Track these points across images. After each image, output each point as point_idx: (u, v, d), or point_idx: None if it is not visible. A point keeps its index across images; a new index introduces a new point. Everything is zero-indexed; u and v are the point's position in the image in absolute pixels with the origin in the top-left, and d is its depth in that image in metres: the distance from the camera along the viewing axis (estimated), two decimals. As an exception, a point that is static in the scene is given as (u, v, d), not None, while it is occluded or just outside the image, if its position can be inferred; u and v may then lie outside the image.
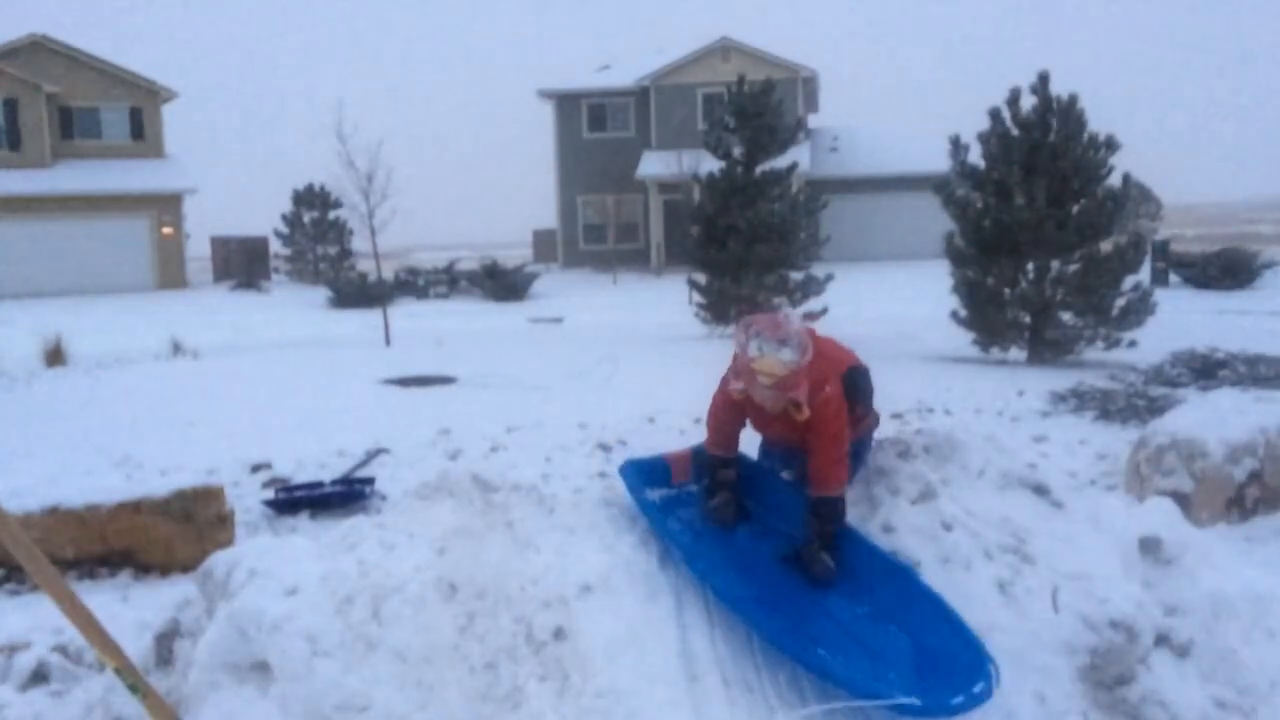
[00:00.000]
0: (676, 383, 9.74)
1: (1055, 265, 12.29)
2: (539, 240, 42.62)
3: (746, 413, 3.45)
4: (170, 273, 30.84)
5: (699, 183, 16.72)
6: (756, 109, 15.45)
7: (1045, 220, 11.93)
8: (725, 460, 3.55)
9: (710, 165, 16.32)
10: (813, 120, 35.50)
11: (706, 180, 16.09)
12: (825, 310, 14.93)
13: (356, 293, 24.25)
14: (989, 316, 12.44)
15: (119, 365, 12.94)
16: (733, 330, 3.29)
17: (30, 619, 4.11)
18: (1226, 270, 22.90)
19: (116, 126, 31.50)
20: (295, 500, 6.29)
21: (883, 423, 3.81)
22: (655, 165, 31.16)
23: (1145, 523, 3.56)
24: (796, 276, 15.67)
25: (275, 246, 35.89)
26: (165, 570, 5.12)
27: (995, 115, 12.33)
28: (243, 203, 59.62)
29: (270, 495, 6.45)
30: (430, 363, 12.24)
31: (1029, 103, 12.28)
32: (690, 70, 33.12)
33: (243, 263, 33.60)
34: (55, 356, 13.12)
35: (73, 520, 4.99)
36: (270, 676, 2.87)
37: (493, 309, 23.49)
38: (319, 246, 35.35)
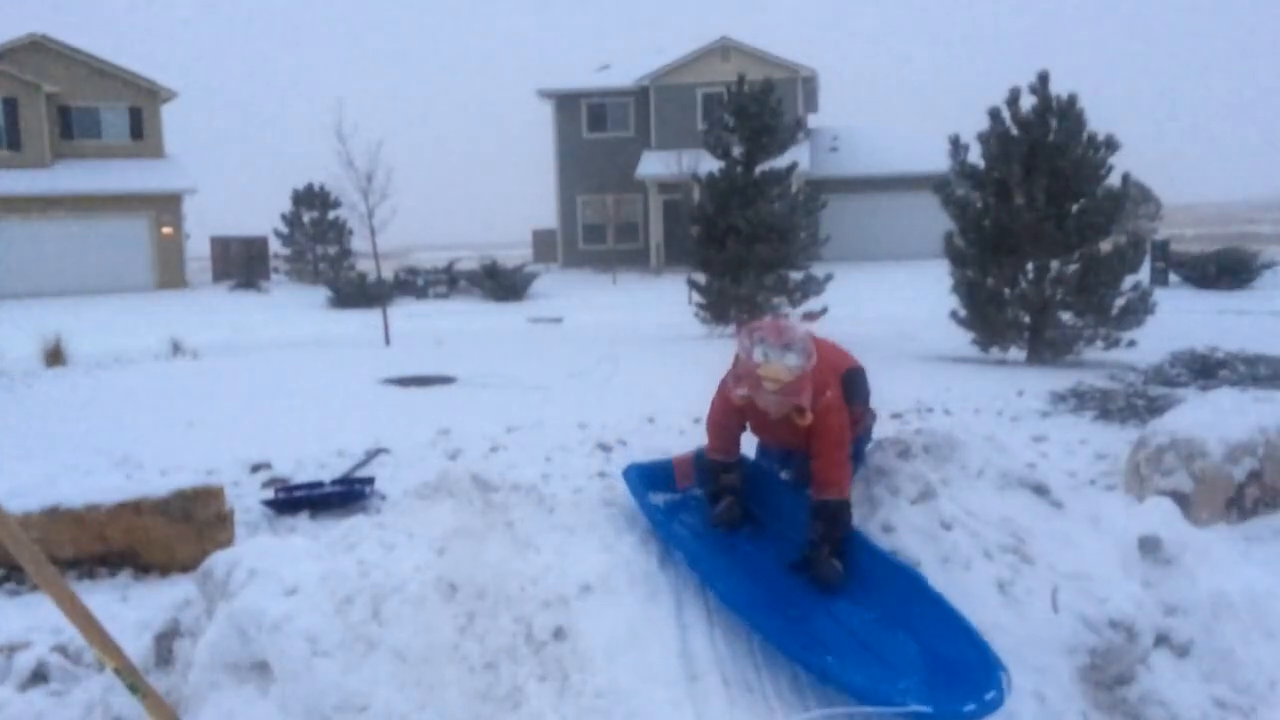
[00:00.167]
0: (676, 383, 9.75)
1: (1055, 265, 12.29)
2: (539, 240, 42.64)
3: (747, 417, 3.45)
4: (170, 273, 30.84)
5: (699, 183, 16.71)
6: (756, 109, 15.45)
7: (1045, 220, 11.94)
8: (727, 465, 3.55)
9: (710, 165, 16.32)
10: (813, 120, 35.50)
11: (706, 180, 16.08)
12: (825, 310, 14.94)
13: (356, 293, 24.24)
14: (989, 316, 12.44)
15: (119, 365, 12.94)
16: (736, 335, 3.29)
17: (30, 619, 4.12)
18: (1226, 270, 22.89)
19: (116, 126, 31.50)
20: (295, 500, 6.28)
21: (883, 423, 3.81)
22: (655, 165, 31.15)
23: (1145, 522, 3.56)
24: (796, 276, 15.67)
25: (275, 246, 35.92)
26: (165, 570, 5.12)
27: (995, 115, 12.32)
28: (243, 203, 59.64)
29: (270, 495, 6.44)
30: (430, 363, 12.24)
31: (1029, 102, 12.27)
32: (690, 70, 33.13)
33: (242, 263, 33.62)
34: (55, 356, 13.12)
35: (72, 520, 4.98)
36: (270, 676, 2.87)
37: (492, 309, 23.48)
38: (319, 246, 35.35)
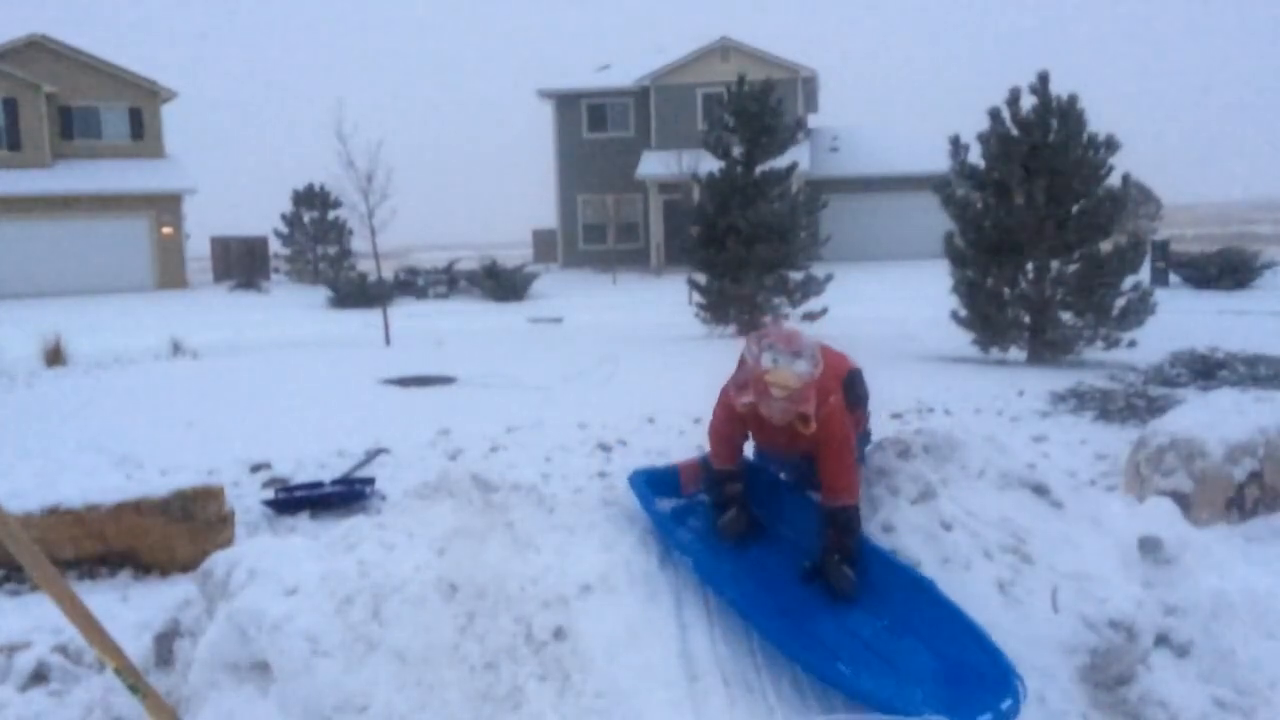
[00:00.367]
0: (676, 383, 9.74)
1: (1055, 265, 12.29)
2: (539, 240, 42.64)
3: (749, 425, 3.42)
4: (170, 273, 30.84)
5: (699, 183, 16.71)
6: (756, 109, 15.45)
7: (1045, 220, 11.94)
8: (732, 473, 3.52)
9: (710, 165, 16.31)
10: (813, 120, 35.50)
11: (706, 180, 16.08)
12: (825, 310, 14.95)
13: (356, 293, 24.23)
14: (989, 316, 12.44)
15: (119, 365, 12.93)
16: (745, 339, 3.27)
17: (30, 619, 4.12)
18: (1226, 270, 22.88)
19: (116, 126, 31.50)
20: (295, 500, 6.28)
21: (883, 423, 3.80)
22: (655, 165, 31.14)
23: (1145, 523, 3.56)
24: (796, 276, 15.66)
25: (275, 246, 35.91)
26: (165, 570, 5.12)
27: (995, 115, 12.32)
28: (242, 203, 59.63)
29: (270, 495, 6.44)
30: (430, 363, 12.23)
31: (1029, 103, 12.27)
32: (690, 70, 33.13)
33: (243, 263, 33.62)
34: (55, 356, 13.12)
35: (72, 520, 4.98)
36: (270, 676, 2.87)
37: (492, 309, 23.47)
38: (319, 246, 35.35)
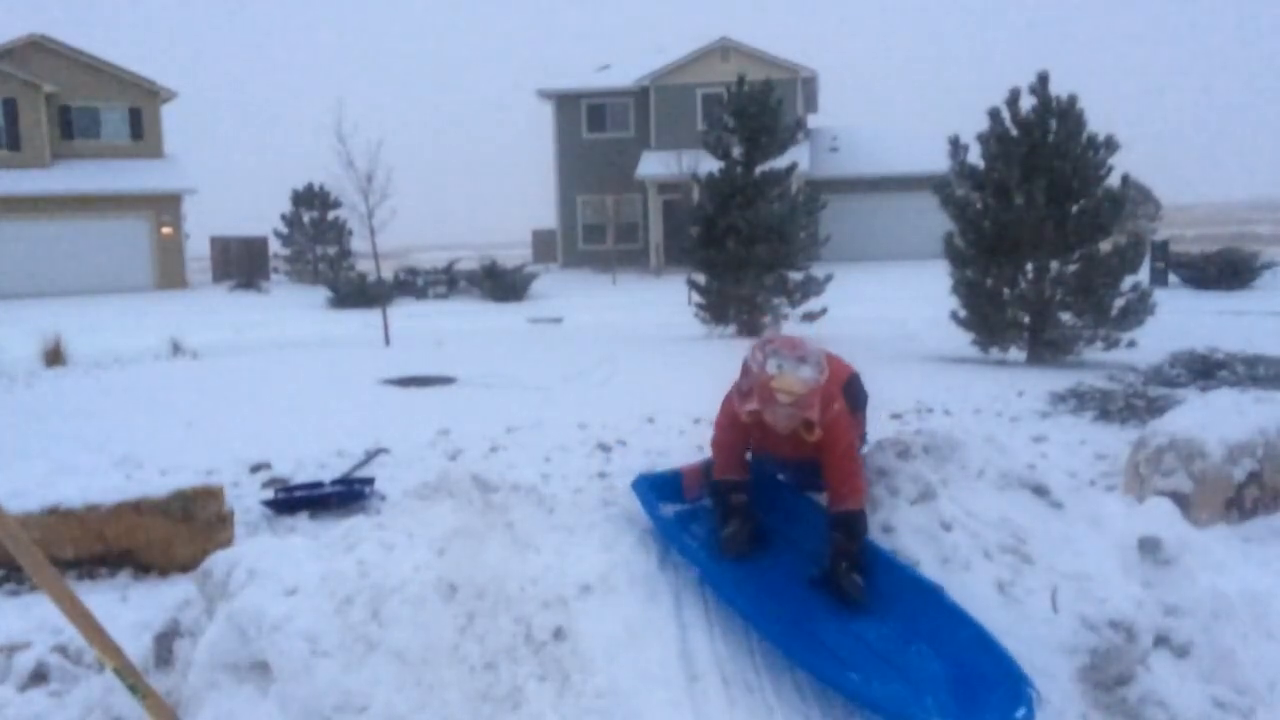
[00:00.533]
0: (676, 383, 9.75)
1: (1055, 265, 12.29)
2: (538, 240, 42.64)
3: (752, 434, 3.39)
4: (170, 273, 30.84)
5: (698, 183, 16.72)
6: (756, 109, 15.45)
7: (1045, 220, 11.94)
8: (736, 484, 3.47)
9: (710, 165, 16.32)
10: (813, 120, 35.50)
11: (706, 180, 16.09)
12: (825, 310, 14.95)
13: (356, 293, 24.23)
14: (988, 317, 12.44)
15: (118, 365, 12.93)
16: (743, 342, 3.27)
17: (30, 619, 4.12)
18: (1226, 270, 22.89)
19: (116, 126, 31.50)
20: (295, 500, 6.28)
21: (883, 423, 3.81)
22: (655, 165, 31.15)
23: (1144, 523, 3.56)
24: (796, 277, 15.67)
25: (275, 246, 35.92)
26: (165, 570, 5.12)
27: (994, 115, 12.33)
28: (242, 203, 59.64)
29: (270, 495, 6.44)
30: (430, 363, 12.23)
31: (1028, 103, 12.29)
32: (690, 70, 33.13)
33: (242, 263, 33.62)
34: (55, 356, 13.12)
35: (73, 520, 4.98)
36: (270, 676, 2.87)
37: (492, 309, 23.47)
38: (318, 246, 35.35)
